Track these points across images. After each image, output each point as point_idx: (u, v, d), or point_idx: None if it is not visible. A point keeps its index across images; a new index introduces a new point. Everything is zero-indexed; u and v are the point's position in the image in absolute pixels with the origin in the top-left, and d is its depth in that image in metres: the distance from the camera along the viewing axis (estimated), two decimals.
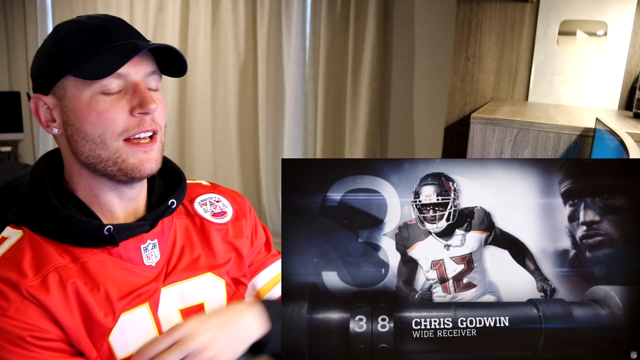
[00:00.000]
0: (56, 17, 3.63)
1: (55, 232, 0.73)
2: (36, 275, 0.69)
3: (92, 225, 0.73)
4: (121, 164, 0.73)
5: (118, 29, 0.74)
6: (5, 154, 3.65)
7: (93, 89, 0.71)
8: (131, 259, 0.77)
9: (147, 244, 0.78)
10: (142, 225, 0.77)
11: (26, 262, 0.70)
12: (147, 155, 0.74)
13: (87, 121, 0.72)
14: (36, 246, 0.72)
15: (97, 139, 0.72)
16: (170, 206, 0.81)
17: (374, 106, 2.84)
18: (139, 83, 0.73)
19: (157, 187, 0.85)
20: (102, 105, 0.71)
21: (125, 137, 0.72)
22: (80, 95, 0.72)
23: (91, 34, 0.73)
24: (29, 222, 0.74)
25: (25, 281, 0.68)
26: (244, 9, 3.04)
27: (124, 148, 0.73)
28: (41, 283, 0.69)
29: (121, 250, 0.76)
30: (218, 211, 0.90)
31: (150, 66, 0.75)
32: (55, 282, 0.70)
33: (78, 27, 0.74)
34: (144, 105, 0.72)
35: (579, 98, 1.93)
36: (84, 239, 0.73)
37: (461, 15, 2.00)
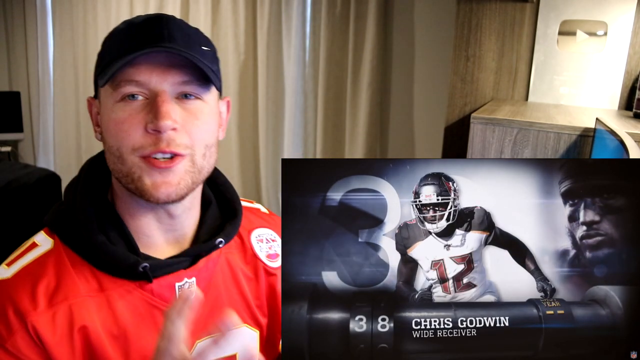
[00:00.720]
0: (56, 17, 3.63)
1: (88, 254, 0.67)
2: (48, 307, 0.63)
3: (127, 261, 0.66)
4: (137, 182, 0.65)
5: (152, 31, 0.65)
6: (5, 154, 3.65)
7: (115, 96, 0.65)
8: (163, 296, 0.69)
9: (184, 282, 0.71)
10: (181, 262, 0.70)
11: (42, 286, 0.64)
12: (163, 179, 0.65)
13: (108, 131, 0.66)
14: (61, 267, 0.66)
15: (116, 152, 0.65)
16: (218, 245, 0.73)
17: (374, 106, 2.84)
18: (159, 94, 0.64)
19: (211, 216, 0.76)
20: (121, 114, 0.64)
21: (140, 153, 0.64)
22: (107, 103, 0.66)
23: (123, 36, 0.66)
24: (62, 233, 0.68)
25: (34, 313, 0.62)
26: (244, 9, 3.04)
27: (139, 164, 0.65)
28: (50, 319, 0.63)
29: (154, 286, 0.69)
30: (272, 252, 0.82)
31: (184, 75, 0.65)
32: (65, 323, 0.64)
33: (120, 28, 0.68)
34: (155, 120, 0.63)
35: (579, 98, 1.93)
36: (116, 269, 0.67)
37: (461, 15, 2.00)
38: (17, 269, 0.66)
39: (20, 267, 0.66)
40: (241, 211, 0.80)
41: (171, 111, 0.64)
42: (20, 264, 0.66)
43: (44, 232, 0.70)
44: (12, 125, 3.67)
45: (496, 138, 1.45)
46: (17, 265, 0.66)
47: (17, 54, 3.79)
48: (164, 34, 0.65)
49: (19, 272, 0.65)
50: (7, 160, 3.58)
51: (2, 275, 0.66)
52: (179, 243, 0.73)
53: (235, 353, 0.77)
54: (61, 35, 3.62)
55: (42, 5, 3.64)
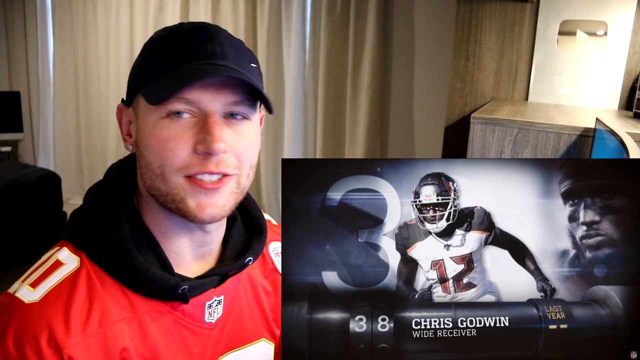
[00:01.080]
0: (56, 17, 3.63)
1: (120, 274, 0.64)
2: (83, 334, 0.60)
3: (167, 283, 0.64)
4: (179, 203, 0.62)
5: (202, 45, 0.62)
6: (5, 154, 3.65)
7: (159, 112, 0.61)
8: (193, 315, 0.68)
9: (213, 301, 0.70)
10: (212, 281, 0.69)
11: (76, 311, 0.60)
12: (209, 200, 0.63)
13: (149, 148, 0.62)
14: (92, 289, 0.62)
15: (157, 170, 0.62)
16: (247, 264, 0.72)
17: (374, 106, 2.84)
18: (210, 115, 0.61)
19: (237, 232, 0.75)
20: (166, 132, 0.61)
21: (186, 173, 0.61)
22: (148, 117, 0.62)
23: (170, 47, 0.63)
24: (89, 251, 0.64)
25: (69, 343, 0.58)
26: (244, 9, 3.04)
27: (183, 185, 0.62)
28: (86, 348, 0.60)
29: (185, 307, 0.67)
30: None
31: (235, 95, 0.63)
32: (101, 350, 0.61)
33: (164, 36, 0.64)
34: (207, 143, 0.60)
35: (579, 98, 1.93)
36: (152, 291, 0.65)
37: (461, 15, 2.00)
38: (44, 292, 0.61)
39: (48, 289, 0.61)
40: (266, 228, 0.78)
41: (223, 133, 0.62)
42: (48, 286, 0.62)
43: (67, 249, 0.65)
44: (12, 125, 3.67)
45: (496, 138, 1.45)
46: (43, 286, 0.62)
47: (17, 54, 3.79)
48: (217, 51, 0.63)
49: (48, 294, 0.61)
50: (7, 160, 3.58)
51: (29, 298, 0.61)
52: (205, 259, 0.72)
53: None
54: (61, 35, 3.63)
55: (42, 5, 3.64)
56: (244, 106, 0.64)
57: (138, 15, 3.34)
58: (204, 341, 0.70)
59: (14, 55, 3.80)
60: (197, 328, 0.69)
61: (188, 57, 0.61)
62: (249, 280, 0.78)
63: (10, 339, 0.58)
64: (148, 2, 3.29)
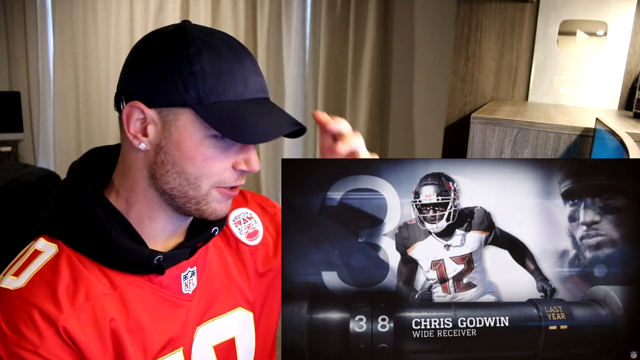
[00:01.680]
0: (56, 17, 3.63)
1: (96, 253, 0.68)
2: (72, 308, 0.64)
3: (142, 254, 0.68)
4: (203, 206, 0.70)
5: (254, 77, 0.69)
6: (5, 154, 3.65)
7: (208, 132, 0.66)
8: (170, 287, 0.73)
9: (187, 272, 0.75)
10: (183, 253, 0.74)
11: (62, 289, 0.64)
12: (228, 203, 0.73)
13: (191, 161, 0.67)
14: (74, 268, 0.66)
15: (193, 179, 0.68)
16: (214, 234, 0.77)
17: (374, 106, 2.84)
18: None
19: None
20: (212, 151, 0.67)
21: (219, 185, 0.69)
22: (193, 134, 0.66)
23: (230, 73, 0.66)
24: (65, 237, 0.68)
25: (62, 316, 0.62)
26: (244, 9, 3.04)
27: (213, 194, 0.70)
28: (77, 320, 0.64)
29: (162, 278, 0.72)
30: (251, 231, 0.86)
31: None
32: (91, 321, 0.65)
33: (214, 54, 0.65)
34: (249, 165, 0.70)
35: (579, 98, 1.93)
36: (128, 264, 0.69)
37: (461, 15, 2.00)
38: (28, 277, 0.65)
39: (32, 273, 0.65)
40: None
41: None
42: (31, 271, 0.65)
43: (43, 239, 0.69)
44: (12, 125, 3.67)
45: (496, 138, 1.45)
46: (27, 273, 0.65)
47: (17, 54, 3.79)
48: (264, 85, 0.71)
49: (32, 279, 0.64)
50: (7, 160, 3.58)
51: (15, 285, 0.64)
52: (176, 236, 0.76)
53: (234, 336, 0.81)
54: (61, 35, 3.62)
55: (42, 5, 3.64)
56: None
57: (138, 15, 3.34)
58: (184, 312, 0.74)
59: (14, 55, 3.80)
60: (177, 299, 0.73)
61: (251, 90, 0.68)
62: (216, 252, 0.81)
63: (3, 323, 0.61)
64: (148, 2, 3.29)
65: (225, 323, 0.80)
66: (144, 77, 0.66)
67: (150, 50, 0.66)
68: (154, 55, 0.66)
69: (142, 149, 0.68)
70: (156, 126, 0.67)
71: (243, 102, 0.67)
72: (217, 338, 0.79)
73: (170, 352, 0.73)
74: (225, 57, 0.66)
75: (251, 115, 0.66)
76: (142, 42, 0.68)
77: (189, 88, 0.64)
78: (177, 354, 0.73)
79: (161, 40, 0.66)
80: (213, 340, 0.78)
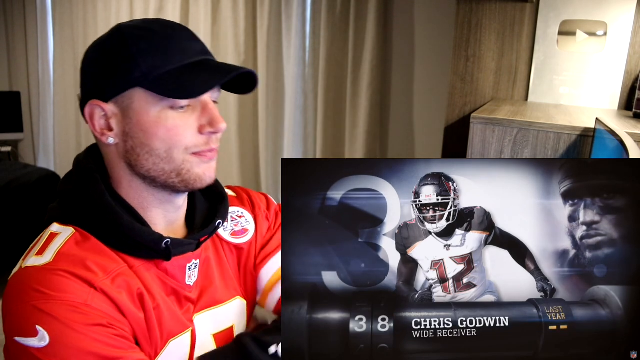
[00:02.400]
0: (56, 17, 3.63)
1: (107, 236, 0.70)
2: (105, 273, 0.67)
3: (152, 237, 0.71)
4: (185, 175, 0.72)
5: (190, 43, 0.72)
6: (5, 154, 3.65)
7: (163, 104, 0.69)
8: (175, 276, 0.76)
9: (191, 263, 0.77)
10: (190, 244, 0.76)
11: (90, 260, 0.67)
12: (209, 165, 0.74)
13: (155, 137, 0.70)
14: (94, 247, 0.69)
15: (164, 154, 0.70)
16: (218, 227, 0.80)
17: (374, 106, 2.84)
18: (208, 102, 0.72)
19: (200, 204, 0.83)
20: (172, 121, 0.69)
21: (192, 151, 0.72)
22: (149, 109, 0.69)
23: (167, 45, 0.70)
24: (78, 222, 0.71)
25: (98, 278, 0.66)
26: (244, 9, 3.04)
27: (190, 160, 0.72)
28: (112, 282, 0.67)
29: (168, 266, 0.75)
30: (239, 229, 0.87)
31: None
32: (124, 285, 0.68)
33: (150, 35, 0.70)
34: (214, 124, 0.71)
35: (579, 98, 1.93)
36: (138, 248, 0.71)
37: (461, 15, 2.00)
38: (54, 252, 0.67)
39: (56, 249, 0.67)
40: (227, 195, 0.85)
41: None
42: (54, 248, 0.68)
43: (57, 224, 0.71)
44: (12, 125, 3.67)
45: (496, 138, 1.45)
46: (50, 250, 0.67)
47: (17, 54, 3.79)
48: (204, 48, 0.74)
49: (57, 254, 0.67)
50: (7, 160, 3.58)
51: (41, 261, 0.66)
52: (174, 230, 0.79)
53: (233, 324, 0.83)
54: (61, 35, 3.62)
55: (42, 5, 3.64)
56: (218, 92, 0.75)
57: (138, 15, 3.34)
58: (186, 301, 0.77)
59: (14, 55, 3.80)
60: (180, 288, 0.76)
61: (188, 53, 0.71)
62: (213, 247, 0.84)
63: (44, 288, 0.63)
64: (148, 2, 3.29)
65: (225, 312, 0.82)
66: (94, 76, 0.71)
67: (93, 54, 0.72)
68: (97, 55, 0.72)
69: (112, 144, 0.72)
70: (117, 117, 0.71)
71: (184, 67, 0.70)
72: (216, 327, 0.81)
73: (181, 333, 0.76)
74: (158, 31, 0.71)
75: (191, 75, 0.69)
76: (87, 50, 0.74)
77: (132, 69, 0.68)
78: (186, 335, 0.76)
79: (101, 41, 0.72)
80: (212, 328, 0.80)
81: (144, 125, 0.70)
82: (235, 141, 3.22)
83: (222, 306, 0.82)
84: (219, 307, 0.81)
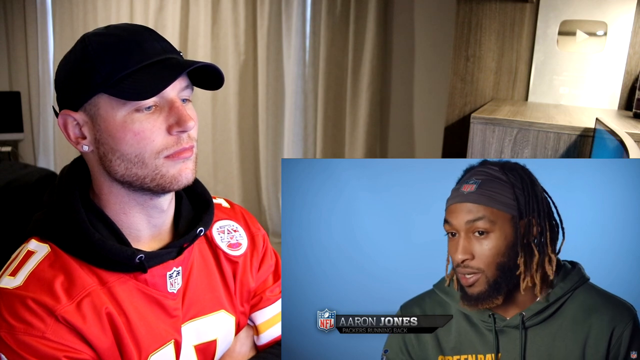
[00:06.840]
0: (56, 17, 3.63)
1: (83, 253, 0.71)
2: (70, 299, 0.68)
3: (124, 253, 0.71)
4: (160, 180, 0.71)
5: (152, 43, 0.71)
6: (5, 154, 3.65)
7: (127, 108, 0.69)
8: (156, 285, 0.75)
9: (172, 271, 0.77)
10: (169, 253, 0.76)
11: (58, 284, 0.68)
12: (185, 165, 0.73)
13: (123, 141, 0.69)
14: (66, 266, 0.70)
15: (134, 159, 0.70)
16: (199, 234, 0.79)
17: (374, 106, 2.84)
18: (174, 100, 0.71)
19: (185, 210, 0.83)
20: (138, 125, 0.69)
21: (165, 155, 0.71)
22: (115, 114, 0.69)
23: (126, 48, 0.69)
24: (55, 238, 0.72)
25: (60, 306, 0.67)
26: (244, 9, 3.04)
27: (163, 163, 0.71)
28: (76, 308, 0.68)
29: (147, 277, 0.74)
30: (234, 242, 0.88)
31: (184, 80, 0.73)
32: (90, 308, 0.69)
33: (109, 40, 0.70)
34: (181, 123, 0.70)
35: (579, 98, 1.93)
36: (113, 263, 0.72)
37: (461, 15, 2.00)
38: (25, 275, 0.69)
39: (28, 272, 0.69)
40: (213, 203, 0.85)
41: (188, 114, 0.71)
42: (27, 271, 0.69)
43: (35, 240, 0.73)
44: (12, 125, 3.67)
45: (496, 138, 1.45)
46: (23, 272, 0.69)
47: (17, 54, 3.79)
48: (166, 47, 0.72)
49: (29, 277, 0.69)
50: (7, 160, 3.58)
51: (12, 284, 0.68)
52: (161, 236, 0.79)
53: (216, 338, 0.83)
54: (61, 35, 3.62)
55: (42, 5, 3.64)
56: (189, 89, 0.74)
57: (138, 15, 3.34)
58: (171, 309, 0.77)
59: (14, 55, 3.80)
60: (162, 297, 0.76)
61: (149, 53, 0.70)
62: (200, 256, 0.84)
63: (8, 316, 0.66)
64: (148, 2, 3.28)
65: (208, 324, 0.81)
66: (63, 88, 0.72)
67: (61, 65, 0.73)
68: (63, 66, 0.73)
69: (87, 151, 0.73)
70: (88, 124, 0.71)
71: (143, 67, 0.69)
72: (199, 338, 0.81)
73: (162, 346, 0.75)
74: (116, 34, 0.71)
75: (149, 74, 0.68)
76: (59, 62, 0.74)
77: (93, 75, 0.68)
78: (169, 347, 0.76)
79: (68, 53, 0.73)
80: (195, 339, 0.80)
81: (112, 131, 0.70)
82: (235, 141, 3.22)
83: (205, 317, 0.81)
84: (203, 318, 0.81)
